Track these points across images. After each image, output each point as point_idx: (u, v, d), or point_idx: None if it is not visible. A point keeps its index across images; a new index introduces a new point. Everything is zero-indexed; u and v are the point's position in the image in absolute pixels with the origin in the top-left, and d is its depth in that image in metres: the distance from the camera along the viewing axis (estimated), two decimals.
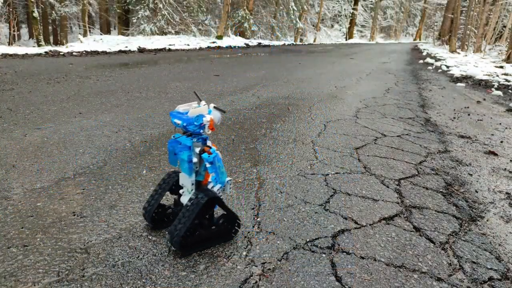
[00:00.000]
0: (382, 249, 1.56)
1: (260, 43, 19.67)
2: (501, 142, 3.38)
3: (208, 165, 1.39)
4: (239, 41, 18.08)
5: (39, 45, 12.63)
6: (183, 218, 1.40)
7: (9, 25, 19.41)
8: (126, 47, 11.87)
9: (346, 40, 36.35)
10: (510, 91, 6.93)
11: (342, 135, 3.23)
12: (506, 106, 5.33)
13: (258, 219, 1.73)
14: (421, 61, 12.91)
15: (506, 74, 9.33)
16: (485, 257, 1.56)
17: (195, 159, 1.41)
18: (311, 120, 3.71)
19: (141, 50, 11.53)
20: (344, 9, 38.00)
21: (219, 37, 18.06)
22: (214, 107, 1.41)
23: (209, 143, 1.44)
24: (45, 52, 9.16)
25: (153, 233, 1.56)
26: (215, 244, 1.51)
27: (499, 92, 6.46)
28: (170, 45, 13.65)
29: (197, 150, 1.41)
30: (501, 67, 11.04)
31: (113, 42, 13.52)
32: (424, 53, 18.23)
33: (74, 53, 9.52)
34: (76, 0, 20.29)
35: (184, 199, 1.51)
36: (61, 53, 9.27)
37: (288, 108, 4.21)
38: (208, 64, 8.46)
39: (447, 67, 10.84)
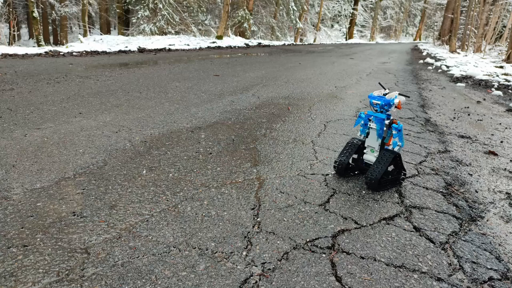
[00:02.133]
0: (382, 249, 1.56)
1: (260, 43, 19.65)
2: (501, 142, 3.38)
3: (395, 132, 2.05)
4: (239, 41, 18.06)
5: (39, 45, 12.62)
6: (376, 168, 2.03)
7: (9, 25, 19.39)
8: (126, 47, 11.86)
9: (346, 40, 36.34)
10: (510, 91, 6.93)
11: (342, 135, 3.23)
12: (506, 106, 5.33)
13: (258, 219, 1.73)
14: (421, 61, 12.91)
15: (506, 74, 9.33)
16: (485, 257, 1.56)
17: (384, 128, 2.06)
18: (311, 120, 3.71)
19: (141, 50, 11.53)
20: (344, 9, 37.98)
21: (219, 37, 18.05)
22: (399, 93, 2.07)
23: (392, 116, 2.08)
24: (45, 52, 9.15)
25: (153, 233, 1.57)
26: (390, 188, 2.14)
27: (499, 92, 6.46)
28: (170, 45, 13.64)
29: (387, 122, 2.05)
30: (501, 67, 11.04)
31: (113, 42, 13.51)
32: (424, 53, 18.23)
33: (74, 53, 9.51)
34: (76, 0, 20.29)
35: (367, 157, 2.20)
36: (61, 53, 9.26)
37: (288, 108, 4.21)
38: (208, 64, 8.46)
39: (447, 67, 10.85)
